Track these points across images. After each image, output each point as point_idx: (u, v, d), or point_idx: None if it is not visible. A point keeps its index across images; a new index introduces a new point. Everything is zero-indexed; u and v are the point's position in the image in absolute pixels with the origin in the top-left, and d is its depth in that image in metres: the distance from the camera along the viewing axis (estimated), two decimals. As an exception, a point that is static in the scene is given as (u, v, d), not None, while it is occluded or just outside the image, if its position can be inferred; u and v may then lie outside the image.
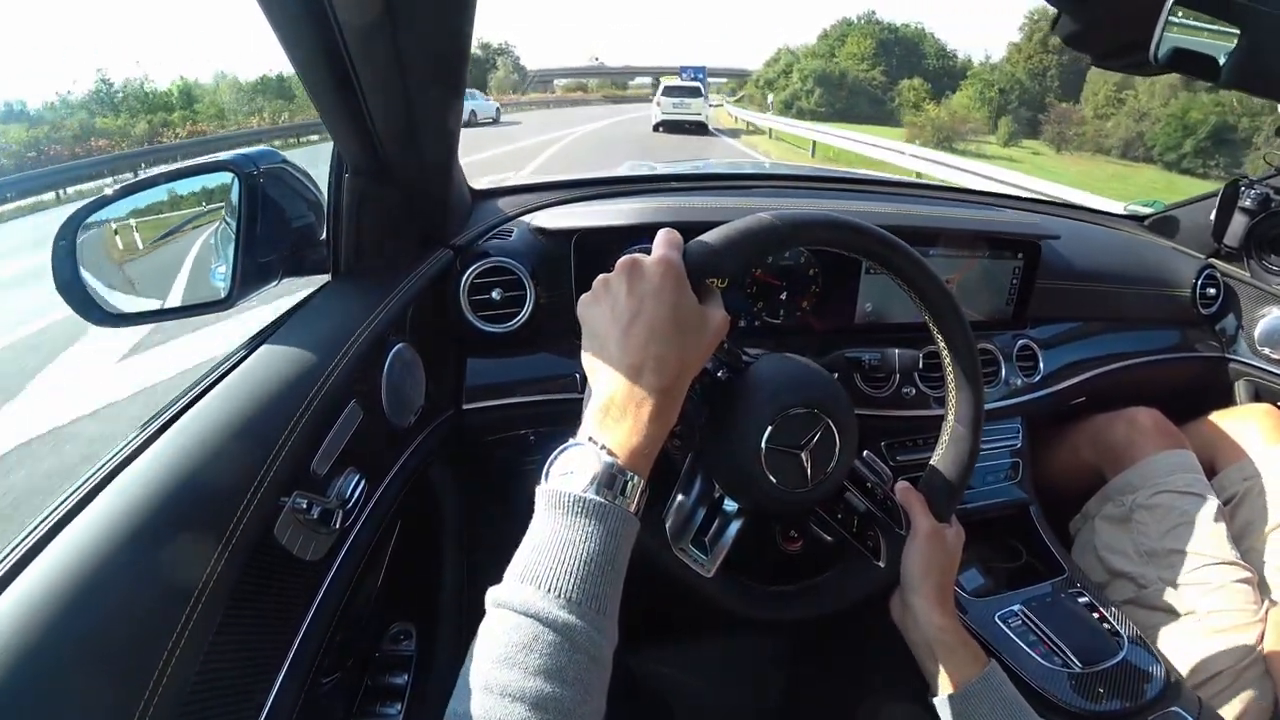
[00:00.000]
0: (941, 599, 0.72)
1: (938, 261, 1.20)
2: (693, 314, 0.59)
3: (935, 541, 0.73)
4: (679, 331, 0.57)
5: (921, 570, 0.73)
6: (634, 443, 0.54)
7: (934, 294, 0.73)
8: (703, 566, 0.74)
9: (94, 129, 27.44)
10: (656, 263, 0.59)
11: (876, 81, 52.88)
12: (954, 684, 0.69)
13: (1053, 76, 44.85)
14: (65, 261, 0.68)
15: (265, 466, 0.56)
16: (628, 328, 0.57)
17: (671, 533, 0.74)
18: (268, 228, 0.77)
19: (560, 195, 1.19)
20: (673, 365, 0.56)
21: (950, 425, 0.77)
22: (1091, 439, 1.37)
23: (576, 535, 0.50)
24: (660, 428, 0.56)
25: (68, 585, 0.43)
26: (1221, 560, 1.11)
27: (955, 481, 0.77)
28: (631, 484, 0.53)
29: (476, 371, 1.02)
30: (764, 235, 0.65)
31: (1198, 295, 1.52)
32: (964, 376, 0.75)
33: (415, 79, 0.68)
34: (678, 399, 0.58)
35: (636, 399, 0.55)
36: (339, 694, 0.79)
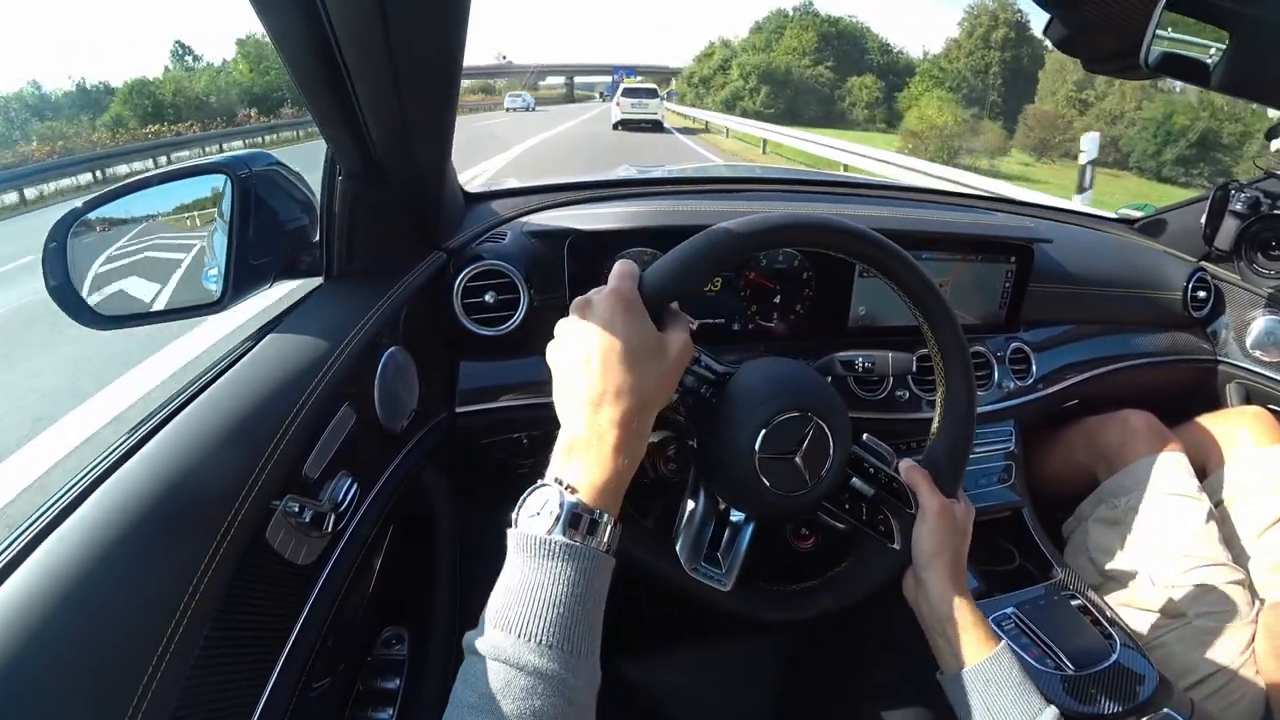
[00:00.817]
0: (955, 576, 0.72)
1: (930, 265, 1.20)
2: (649, 343, 0.59)
3: (944, 518, 0.73)
4: (636, 362, 0.57)
5: (933, 548, 0.72)
6: (598, 479, 0.54)
7: (903, 272, 0.73)
8: (720, 582, 0.74)
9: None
10: (606, 296, 0.60)
11: (824, 79, 49.58)
12: (965, 663, 0.69)
13: (995, 74, 44.59)
14: (56, 264, 0.68)
15: (257, 470, 0.56)
16: (584, 365, 0.57)
17: (685, 556, 0.73)
18: (261, 230, 0.77)
19: (554, 198, 1.19)
20: (632, 396, 0.56)
21: (942, 398, 0.77)
22: (1085, 441, 1.38)
23: (545, 578, 0.50)
24: (626, 460, 0.56)
25: (56, 589, 0.43)
26: (1213, 562, 1.11)
27: (957, 454, 0.76)
28: (600, 521, 0.53)
29: (470, 375, 1.02)
30: (717, 249, 0.65)
31: (1189, 298, 1.53)
32: (948, 348, 0.75)
33: (409, 82, 0.68)
34: (643, 429, 0.58)
35: (598, 434, 0.55)
36: (331, 699, 0.79)
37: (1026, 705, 0.66)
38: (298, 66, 0.64)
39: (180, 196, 0.79)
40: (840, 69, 50.11)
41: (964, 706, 0.69)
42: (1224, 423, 1.38)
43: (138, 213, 0.77)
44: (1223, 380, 1.56)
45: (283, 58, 0.63)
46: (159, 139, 22.28)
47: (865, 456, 0.77)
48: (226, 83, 43.89)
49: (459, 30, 0.66)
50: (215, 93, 41.22)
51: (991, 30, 46.04)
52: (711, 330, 1.12)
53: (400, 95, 0.69)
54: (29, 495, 2.74)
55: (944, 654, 0.72)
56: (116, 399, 3.52)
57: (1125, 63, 0.87)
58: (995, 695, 0.67)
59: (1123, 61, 0.89)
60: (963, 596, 0.71)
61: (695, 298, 1.10)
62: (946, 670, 0.71)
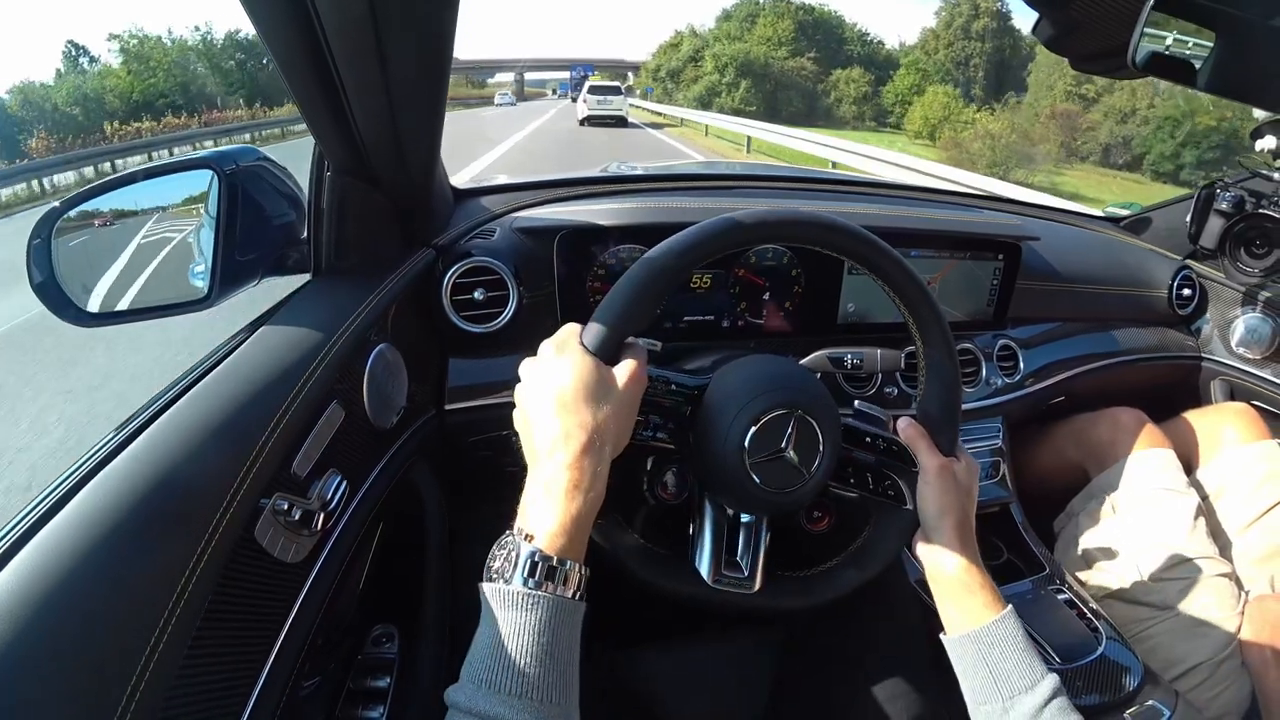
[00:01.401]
0: (962, 537, 0.72)
1: (919, 263, 1.21)
2: (593, 382, 0.59)
3: (944, 478, 0.73)
4: (581, 403, 0.57)
5: (937, 509, 0.72)
6: (555, 525, 0.54)
7: (837, 238, 0.72)
8: (745, 586, 0.74)
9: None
10: (547, 346, 0.62)
11: (806, 72, 45.09)
12: (970, 625, 0.69)
13: (976, 66, 42.56)
14: (40, 260, 0.67)
15: (245, 467, 0.55)
16: (534, 416, 0.59)
17: (706, 571, 0.74)
18: (248, 226, 0.76)
19: (543, 195, 1.18)
20: (580, 435, 0.56)
21: (923, 355, 0.76)
22: (1075, 438, 1.39)
23: (510, 629, 0.50)
24: (582, 502, 0.55)
25: (43, 588, 0.42)
26: (1201, 556, 1.13)
27: (949, 410, 0.76)
28: (559, 568, 0.53)
29: (459, 372, 1.02)
30: (656, 279, 0.64)
31: (1174, 296, 1.54)
32: (919, 304, 0.74)
33: (397, 77, 0.67)
34: (598, 468, 0.57)
35: (552, 480, 0.56)
36: (320, 697, 0.78)
37: (1029, 670, 0.66)
38: (285, 61, 0.64)
39: (166, 192, 0.78)
40: (822, 61, 46.51)
41: (966, 667, 0.69)
42: (1208, 419, 1.39)
43: (123, 209, 0.76)
44: (1207, 377, 1.58)
45: (270, 52, 0.62)
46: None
47: (860, 426, 0.77)
48: (95, 89, 37.88)
49: (448, 24, 0.65)
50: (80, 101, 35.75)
51: (972, 20, 44.32)
52: (701, 327, 1.13)
53: (389, 90, 0.69)
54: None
55: (949, 615, 0.72)
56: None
57: (1113, 62, 0.88)
58: (999, 658, 0.67)
59: (1111, 61, 0.90)
60: (970, 558, 0.71)
61: (684, 295, 1.10)
62: (950, 631, 0.71)
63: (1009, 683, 0.66)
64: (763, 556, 0.75)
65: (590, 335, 0.62)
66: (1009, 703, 0.65)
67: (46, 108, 33.15)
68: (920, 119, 32.04)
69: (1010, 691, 0.65)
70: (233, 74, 43.59)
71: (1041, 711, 0.64)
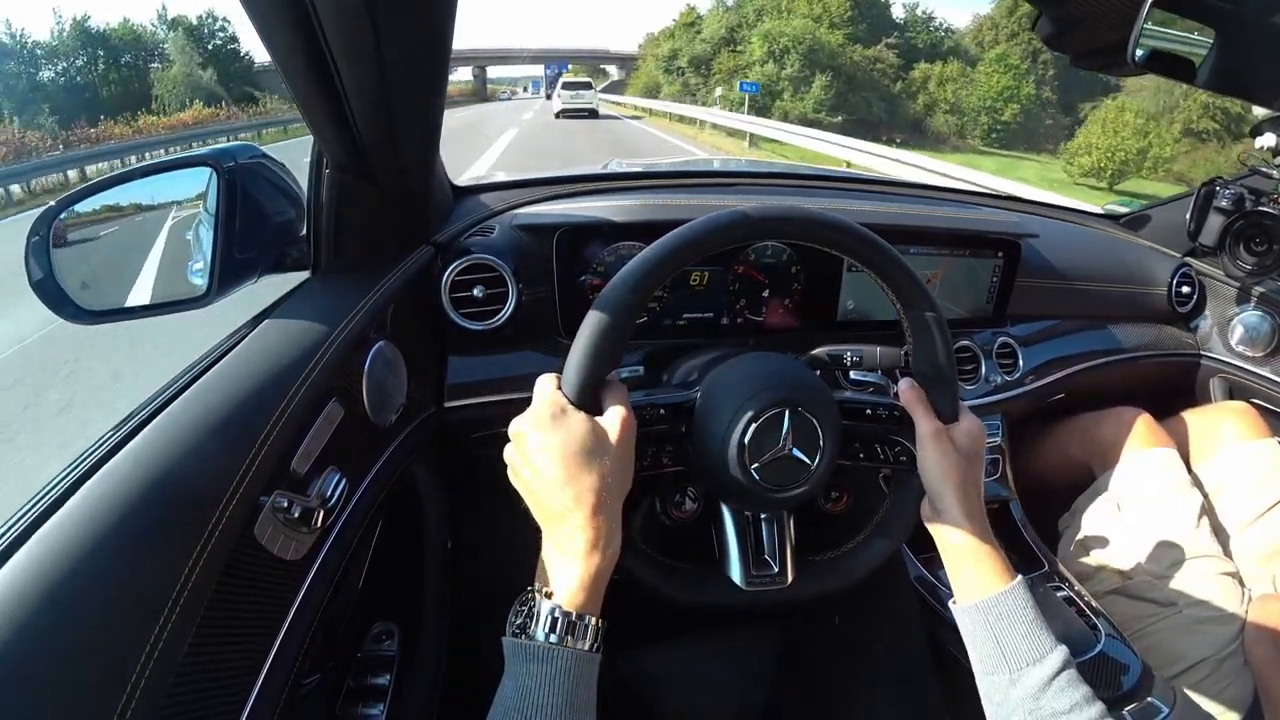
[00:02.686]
0: (966, 505, 0.70)
1: (918, 260, 1.21)
2: (586, 440, 0.60)
3: (940, 443, 0.71)
4: (580, 464, 0.59)
5: (937, 476, 0.71)
6: (575, 583, 0.57)
7: (789, 227, 0.71)
8: (778, 581, 0.74)
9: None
10: (531, 414, 0.62)
11: (886, 66, 31.43)
12: (977, 595, 0.68)
13: (1045, 63, 30.85)
14: (39, 257, 0.67)
15: (245, 465, 0.55)
16: (538, 485, 0.60)
17: (740, 576, 0.74)
18: (247, 224, 0.76)
19: (542, 192, 1.18)
20: (588, 496, 0.58)
21: (904, 317, 0.74)
22: (1079, 436, 1.40)
23: (532, 682, 0.53)
24: (600, 559, 0.58)
25: (44, 585, 0.42)
26: (1204, 554, 1.13)
27: (943, 369, 0.73)
28: (580, 623, 0.56)
29: (458, 369, 1.02)
30: (615, 317, 0.63)
31: (1173, 293, 1.54)
32: (887, 268, 0.72)
33: (396, 73, 0.67)
34: (611, 524, 0.59)
35: (569, 541, 0.58)
36: (320, 695, 0.78)
37: (1037, 642, 0.65)
38: (283, 57, 0.64)
39: (165, 190, 0.78)
40: (902, 52, 32.57)
41: (974, 637, 0.69)
42: (1208, 418, 1.40)
43: (121, 206, 0.76)
44: (1206, 375, 1.58)
45: (268, 48, 0.62)
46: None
47: (859, 398, 0.76)
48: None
49: (447, 19, 0.65)
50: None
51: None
52: (700, 324, 1.13)
53: (387, 87, 0.69)
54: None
55: (958, 584, 0.71)
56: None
57: (1112, 59, 0.88)
58: (1006, 629, 0.66)
59: (1110, 58, 0.90)
60: (975, 527, 0.70)
61: (683, 292, 1.10)
62: (959, 600, 0.71)
63: (1016, 654, 0.65)
64: (790, 548, 0.75)
65: (570, 389, 0.62)
66: (1016, 674, 0.65)
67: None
68: (1100, 149, 19.36)
69: (1017, 663, 0.65)
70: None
71: (1050, 684, 0.63)
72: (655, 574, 0.73)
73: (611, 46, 74.76)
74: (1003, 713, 0.66)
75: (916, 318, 0.73)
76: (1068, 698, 0.63)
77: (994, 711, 0.67)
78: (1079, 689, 0.64)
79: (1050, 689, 0.63)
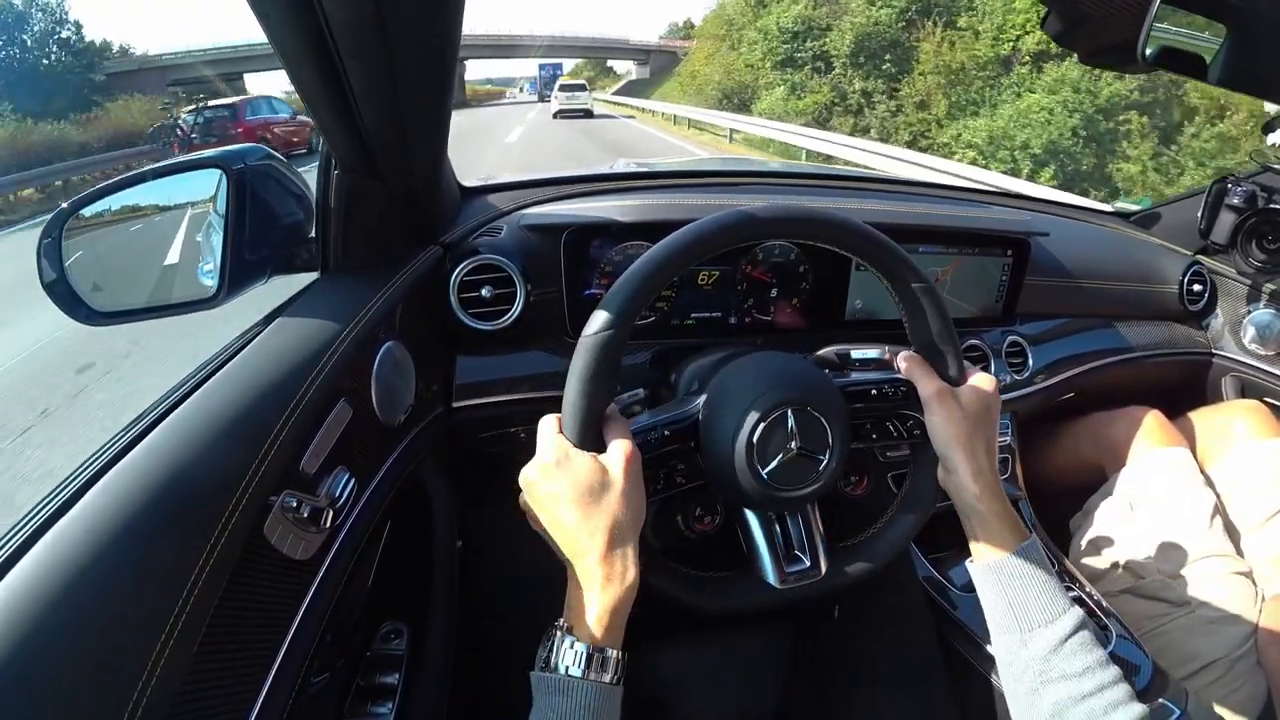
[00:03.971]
0: (976, 465, 0.70)
1: (927, 259, 1.20)
2: (593, 480, 0.61)
3: (946, 404, 0.71)
4: (591, 506, 0.60)
5: (943, 437, 0.71)
6: (594, 617, 0.58)
7: (779, 229, 0.71)
8: (813, 574, 0.74)
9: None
10: (537, 462, 0.63)
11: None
12: (989, 556, 0.69)
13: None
14: (51, 259, 0.68)
15: (254, 465, 0.56)
16: (555, 529, 0.62)
17: (774, 576, 0.74)
18: (256, 225, 0.76)
19: (550, 192, 1.18)
20: (601, 535, 0.60)
21: (893, 292, 0.74)
22: (1092, 436, 1.39)
23: (553, 714, 0.55)
24: (616, 593, 0.59)
25: (58, 582, 0.43)
26: (1218, 554, 1.13)
27: (939, 336, 0.73)
28: (600, 655, 0.58)
29: (467, 369, 1.02)
30: (604, 358, 0.63)
31: (1185, 292, 1.53)
32: (869, 249, 0.71)
33: (405, 76, 0.68)
34: (626, 557, 0.60)
35: (587, 577, 0.60)
36: (330, 694, 0.79)
37: (1050, 603, 0.65)
38: (291, 58, 0.64)
39: (175, 192, 0.79)
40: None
41: (988, 598, 0.69)
42: (1220, 416, 1.39)
43: (133, 208, 0.77)
44: (1218, 373, 1.57)
45: (275, 47, 0.62)
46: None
47: (862, 379, 0.77)
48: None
49: (454, 24, 0.65)
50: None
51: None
52: (708, 324, 1.12)
53: (395, 88, 0.69)
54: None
55: (974, 545, 0.71)
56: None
57: (1123, 56, 0.87)
58: (1018, 590, 0.66)
59: (1121, 55, 0.89)
60: (985, 487, 0.70)
61: (691, 292, 1.10)
62: (976, 561, 0.71)
63: (1028, 615, 0.65)
64: (819, 538, 0.75)
65: (570, 432, 0.64)
66: (1027, 635, 0.65)
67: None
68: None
69: (1029, 624, 0.65)
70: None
71: (1061, 646, 0.63)
72: (687, 589, 0.73)
73: (631, 36, 68.40)
74: (1014, 672, 0.66)
75: (905, 290, 0.73)
76: (1080, 660, 0.63)
77: (1006, 672, 0.67)
78: (1092, 652, 0.63)
79: (1062, 651, 0.63)
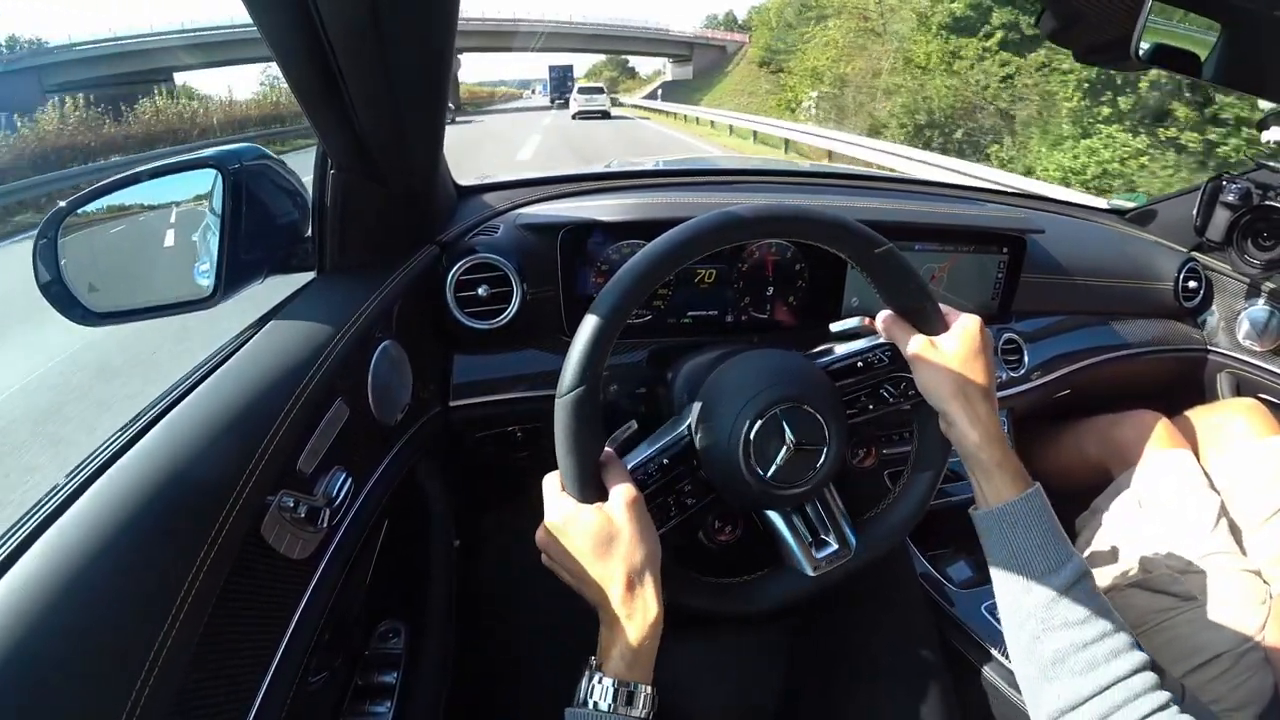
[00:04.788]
0: (969, 412, 0.70)
1: (922, 256, 1.20)
2: (598, 531, 0.63)
3: (931, 356, 0.71)
4: (604, 555, 0.63)
5: (936, 392, 0.71)
6: (619, 655, 0.61)
7: (734, 234, 0.71)
8: (843, 554, 0.74)
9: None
10: (547, 524, 0.66)
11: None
12: (990, 502, 0.69)
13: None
14: (47, 259, 0.68)
15: (251, 465, 0.56)
16: (576, 582, 0.65)
17: (806, 565, 0.74)
18: (252, 224, 0.76)
19: (546, 191, 1.18)
20: (620, 581, 0.62)
21: (861, 266, 0.73)
22: (1098, 438, 1.40)
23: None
24: (640, 631, 0.61)
25: (53, 584, 0.43)
26: (1225, 551, 1.13)
27: (911, 293, 0.73)
28: (625, 689, 0.60)
29: (463, 368, 1.02)
30: (582, 411, 0.64)
31: (1180, 288, 1.53)
32: (816, 229, 0.71)
33: (400, 76, 0.68)
34: (646, 596, 0.63)
35: (611, 619, 0.62)
36: (328, 693, 0.79)
37: (1052, 551, 0.65)
38: (286, 58, 0.64)
39: (170, 192, 0.78)
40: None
41: (990, 545, 0.69)
42: (1218, 415, 1.39)
43: (128, 208, 0.76)
44: (1213, 370, 1.57)
45: (270, 47, 0.62)
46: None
47: (844, 355, 0.77)
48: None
49: (450, 25, 0.65)
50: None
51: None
52: (704, 322, 1.13)
53: (391, 87, 0.69)
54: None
55: (979, 494, 0.71)
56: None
57: (1118, 54, 0.87)
58: (1020, 537, 0.66)
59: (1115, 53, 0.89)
60: (983, 434, 0.70)
61: (688, 291, 1.10)
62: (979, 506, 0.71)
63: (1029, 563, 0.65)
64: (842, 518, 0.76)
65: (571, 489, 0.65)
66: (1028, 583, 0.65)
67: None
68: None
69: (1031, 572, 0.65)
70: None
71: (1064, 594, 0.63)
72: (722, 600, 0.74)
73: (672, 26, 60.02)
74: (1016, 620, 0.66)
75: (868, 260, 0.72)
76: (1082, 608, 0.63)
77: (1008, 620, 0.67)
78: (1094, 600, 0.63)
79: (1064, 598, 0.63)
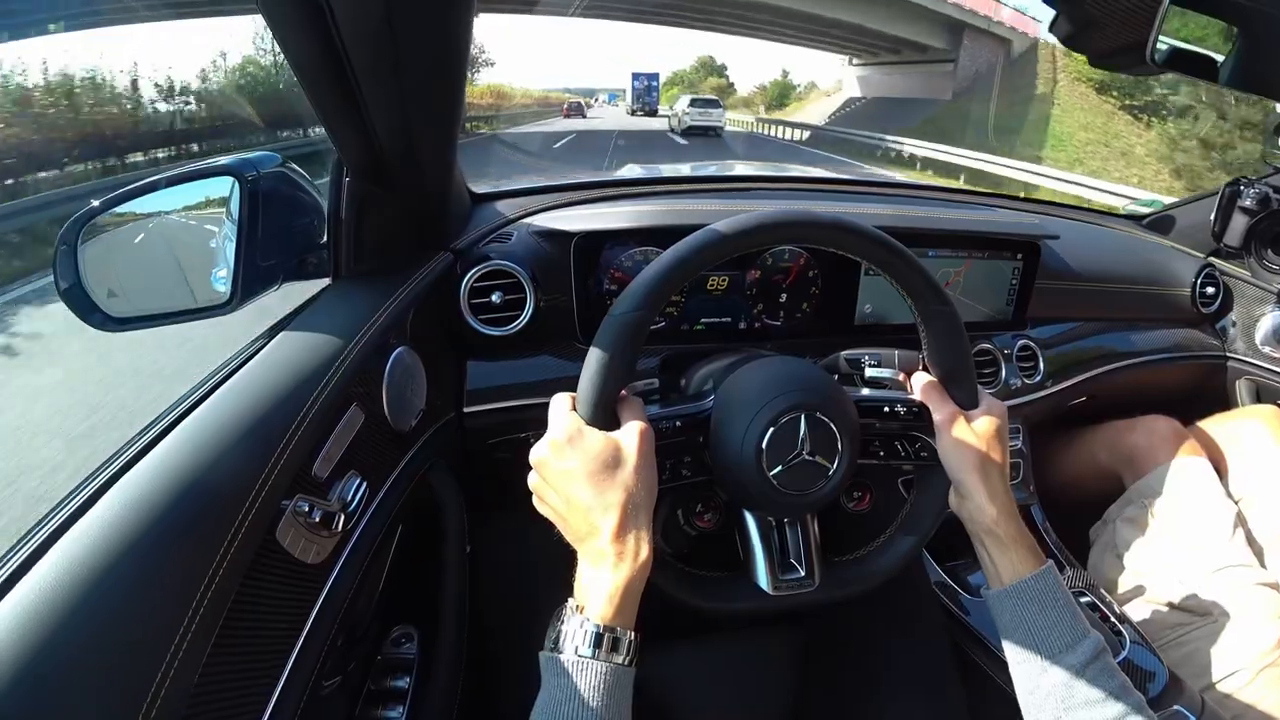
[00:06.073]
0: (989, 489, 0.69)
1: (937, 263, 1.20)
2: (605, 456, 0.60)
3: (959, 429, 0.71)
4: (604, 480, 0.59)
5: (958, 462, 0.71)
6: (605, 597, 0.57)
7: (799, 233, 0.72)
8: (806, 584, 0.73)
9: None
10: (548, 439, 0.63)
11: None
12: (1004, 581, 0.68)
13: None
14: (67, 265, 0.69)
15: (267, 470, 0.56)
16: (565, 506, 0.61)
17: (767, 582, 0.73)
18: (269, 231, 0.77)
19: (559, 198, 1.19)
20: (612, 511, 0.59)
21: (914, 310, 0.73)
22: (1110, 445, 1.38)
23: (564, 695, 0.54)
24: (629, 572, 0.58)
25: (71, 588, 0.43)
26: (1242, 564, 1.11)
27: (958, 360, 0.73)
28: (610, 635, 0.56)
29: (477, 375, 1.02)
30: (628, 338, 0.63)
31: (1197, 294, 1.52)
32: (890, 261, 0.71)
33: (415, 84, 0.68)
34: (639, 535, 0.60)
35: (599, 555, 0.59)
36: (341, 697, 0.79)
37: (1068, 628, 0.64)
38: (303, 66, 0.65)
39: (189, 199, 0.79)
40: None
41: (1005, 624, 0.68)
42: (1237, 422, 1.37)
43: (147, 215, 0.77)
44: (1232, 376, 1.55)
45: (288, 57, 0.63)
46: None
47: (875, 396, 0.76)
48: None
49: (464, 30, 0.66)
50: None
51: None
52: (718, 329, 1.12)
53: (406, 98, 0.70)
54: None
55: (990, 570, 0.71)
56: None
57: (1132, 58, 0.87)
58: (1036, 615, 0.65)
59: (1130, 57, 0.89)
60: (1000, 511, 0.69)
61: (701, 297, 1.10)
62: (992, 586, 0.70)
63: (1047, 641, 0.64)
64: (815, 550, 0.75)
65: (584, 409, 0.63)
66: (1046, 662, 0.64)
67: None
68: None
69: (1049, 650, 0.64)
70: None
71: (1082, 672, 0.62)
72: (681, 585, 0.72)
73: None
74: (1035, 701, 0.65)
75: (927, 311, 0.73)
76: (1102, 686, 0.62)
77: (1027, 701, 0.66)
78: (1114, 678, 0.62)
79: (1083, 677, 0.62)
